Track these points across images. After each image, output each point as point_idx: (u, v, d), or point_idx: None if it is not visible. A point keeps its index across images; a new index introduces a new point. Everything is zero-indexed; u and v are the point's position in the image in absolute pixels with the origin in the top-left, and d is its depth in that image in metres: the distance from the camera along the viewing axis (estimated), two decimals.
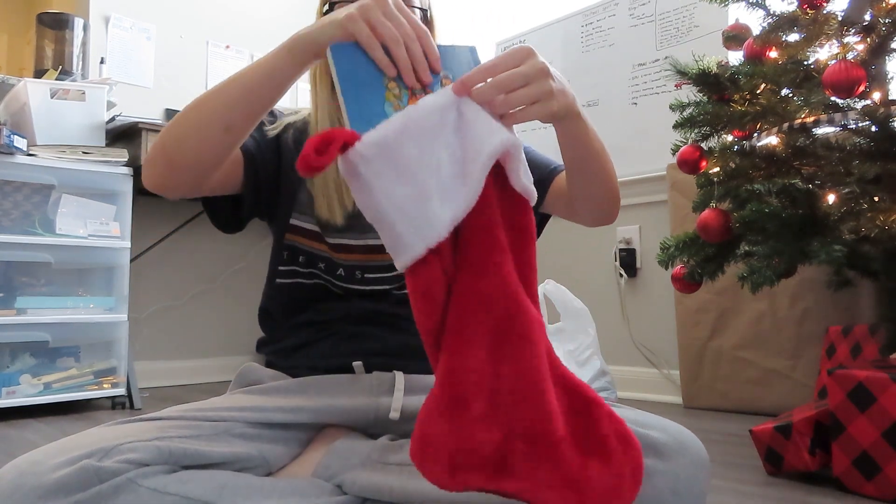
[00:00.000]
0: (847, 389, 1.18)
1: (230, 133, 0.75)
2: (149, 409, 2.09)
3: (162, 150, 0.78)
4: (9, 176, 2.03)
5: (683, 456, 0.71)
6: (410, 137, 0.60)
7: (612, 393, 1.93)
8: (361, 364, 0.89)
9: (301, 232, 0.93)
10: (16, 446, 1.60)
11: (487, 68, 0.63)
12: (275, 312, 0.98)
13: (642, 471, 0.61)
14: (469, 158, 0.61)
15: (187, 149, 0.76)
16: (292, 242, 0.94)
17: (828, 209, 1.31)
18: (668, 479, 0.69)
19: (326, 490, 0.77)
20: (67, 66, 2.43)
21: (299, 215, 0.93)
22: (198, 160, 0.77)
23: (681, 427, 0.76)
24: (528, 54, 0.64)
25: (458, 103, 0.62)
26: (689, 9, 2.38)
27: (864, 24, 1.27)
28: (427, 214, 0.59)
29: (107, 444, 0.68)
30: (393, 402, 0.85)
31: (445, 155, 0.61)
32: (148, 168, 0.80)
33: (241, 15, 3.10)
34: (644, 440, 0.70)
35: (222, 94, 0.75)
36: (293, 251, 0.94)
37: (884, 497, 1.13)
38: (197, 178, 0.79)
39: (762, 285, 1.40)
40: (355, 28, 0.64)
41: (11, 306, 2.00)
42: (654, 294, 2.41)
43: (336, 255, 0.92)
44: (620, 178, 0.95)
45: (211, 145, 0.76)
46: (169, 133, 0.77)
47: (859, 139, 1.31)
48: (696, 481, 0.71)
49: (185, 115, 0.77)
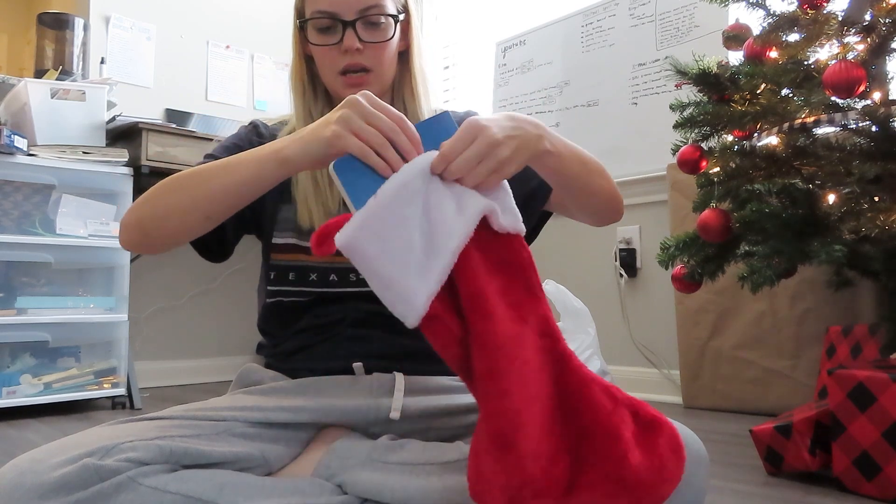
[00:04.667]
0: (847, 389, 1.18)
1: (210, 221, 0.79)
2: (149, 409, 2.09)
3: (138, 223, 0.81)
4: (9, 176, 2.03)
5: None
6: (384, 221, 0.65)
7: None
8: (361, 366, 0.89)
9: (287, 249, 0.93)
10: (16, 446, 1.60)
11: (444, 156, 0.67)
12: (272, 328, 0.97)
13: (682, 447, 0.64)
14: (438, 235, 0.65)
15: (165, 228, 0.80)
16: (279, 262, 0.93)
17: (828, 209, 1.31)
18: None
19: (327, 490, 0.77)
20: (68, 66, 2.43)
21: (282, 233, 0.93)
22: (175, 239, 0.81)
23: (679, 425, 0.76)
24: (477, 131, 0.67)
25: (425, 182, 0.67)
26: (689, 9, 2.38)
27: (865, 24, 1.27)
28: (407, 292, 0.64)
29: (107, 442, 0.68)
30: (393, 403, 0.85)
31: (418, 234, 0.65)
32: (124, 233, 0.84)
33: (241, 15, 3.10)
34: None
35: (205, 185, 0.77)
36: (281, 270, 0.93)
37: (884, 497, 1.13)
38: (173, 246, 0.84)
39: (762, 285, 1.40)
40: (345, 144, 0.67)
41: (11, 306, 2.00)
42: (654, 294, 2.41)
43: (324, 260, 0.91)
44: (620, 178, 0.96)
45: (189, 228, 0.80)
46: (146, 209, 0.81)
47: (859, 139, 1.31)
48: (694, 478, 0.72)
49: (165, 196, 0.80)
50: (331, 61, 0.92)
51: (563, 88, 2.77)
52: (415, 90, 0.98)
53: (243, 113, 3.05)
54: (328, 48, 0.91)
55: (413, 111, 0.97)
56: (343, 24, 0.89)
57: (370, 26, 0.91)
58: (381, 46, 0.92)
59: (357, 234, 0.64)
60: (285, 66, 3.19)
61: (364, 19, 0.90)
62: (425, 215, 0.67)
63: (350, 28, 0.89)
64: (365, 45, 0.90)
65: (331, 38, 0.91)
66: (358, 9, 0.89)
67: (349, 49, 0.89)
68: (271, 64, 3.17)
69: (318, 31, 0.92)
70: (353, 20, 0.89)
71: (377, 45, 0.91)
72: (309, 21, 0.92)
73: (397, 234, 0.65)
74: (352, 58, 0.90)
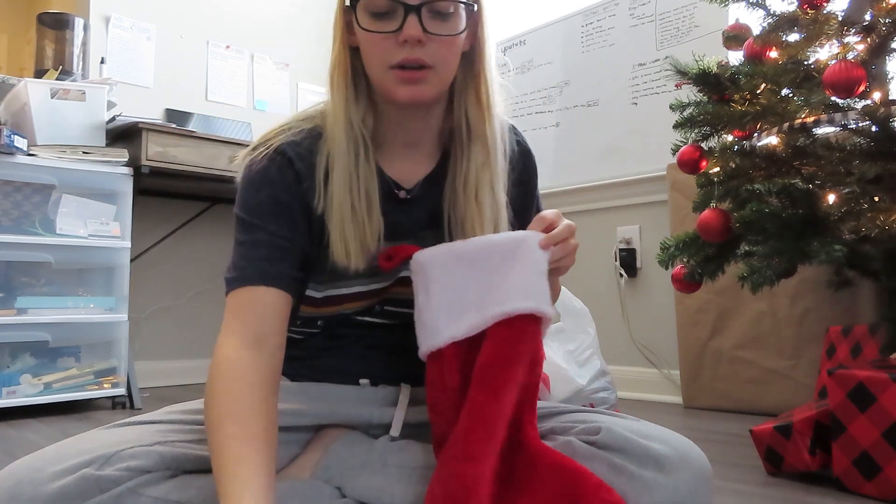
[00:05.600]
0: (847, 389, 1.18)
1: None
2: (149, 409, 2.09)
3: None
4: (9, 176, 2.03)
5: (685, 469, 0.70)
6: (459, 261, 0.76)
7: (612, 393, 1.93)
8: (368, 382, 0.87)
9: (323, 302, 0.85)
10: (16, 446, 1.60)
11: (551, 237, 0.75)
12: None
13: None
14: (492, 299, 0.73)
15: None
16: (308, 314, 0.86)
17: (828, 209, 1.31)
18: (668, 492, 0.68)
19: (326, 493, 0.76)
20: (68, 66, 2.43)
21: (317, 286, 0.84)
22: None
23: (684, 440, 0.74)
24: (572, 232, 0.77)
25: (513, 251, 0.75)
26: (689, 9, 2.38)
27: (864, 24, 1.26)
28: (437, 324, 0.75)
29: (107, 450, 0.66)
30: (394, 421, 0.83)
31: (476, 286, 0.75)
32: None
33: (241, 15, 3.09)
34: (645, 451, 0.69)
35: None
36: (309, 319, 0.87)
37: (884, 497, 1.12)
38: None
39: (762, 285, 1.40)
40: None
41: (11, 306, 2.00)
42: (654, 294, 2.41)
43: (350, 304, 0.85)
44: (620, 178, 0.97)
45: None
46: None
47: (859, 139, 1.31)
48: (697, 495, 0.70)
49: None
50: (384, 52, 0.76)
51: (563, 88, 2.77)
52: (482, 99, 0.83)
53: (243, 113, 3.05)
54: (383, 36, 0.75)
55: (477, 121, 0.83)
56: (405, 9, 0.74)
57: (437, 15, 0.75)
58: (448, 41, 0.76)
59: (433, 260, 0.76)
60: (286, 66, 3.20)
61: (430, 5, 0.74)
62: (491, 276, 0.74)
63: (413, 14, 0.73)
64: (429, 36, 0.74)
65: (388, 24, 0.75)
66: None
67: (409, 39, 0.74)
68: (271, 64, 3.17)
69: (373, 15, 0.75)
70: (417, 5, 0.74)
71: (443, 39, 0.76)
72: (361, 2, 0.76)
73: (461, 276, 0.75)
74: (411, 51, 0.74)
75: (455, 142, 0.85)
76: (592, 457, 0.70)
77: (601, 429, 0.71)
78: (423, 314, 0.76)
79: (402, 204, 0.84)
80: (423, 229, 0.85)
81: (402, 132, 0.84)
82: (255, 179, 0.79)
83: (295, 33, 3.22)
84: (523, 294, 0.72)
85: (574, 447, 0.71)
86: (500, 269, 0.74)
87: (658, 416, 2.05)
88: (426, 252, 0.77)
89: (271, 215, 0.78)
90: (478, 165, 0.83)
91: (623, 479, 0.68)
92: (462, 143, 0.83)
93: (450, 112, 0.85)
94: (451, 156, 0.85)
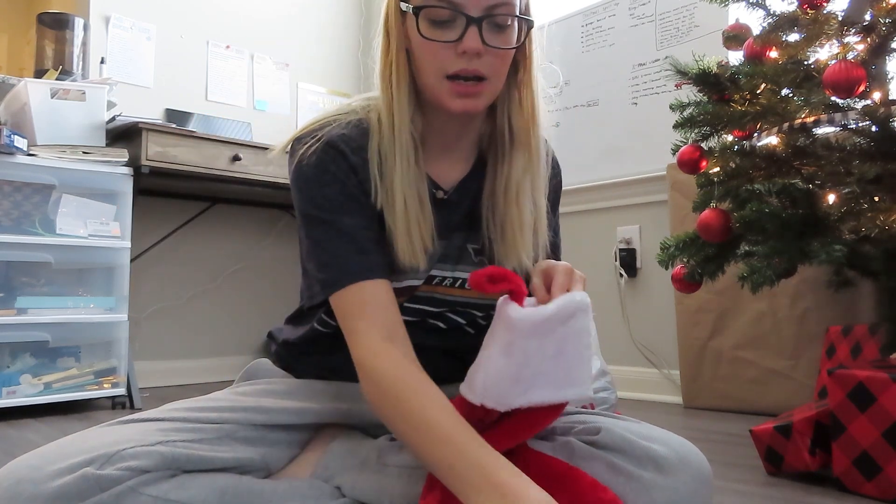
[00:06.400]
0: (847, 389, 1.18)
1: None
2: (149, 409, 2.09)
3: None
4: (9, 176, 2.03)
5: (685, 471, 0.70)
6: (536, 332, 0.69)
7: (612, 393, 1.93)
8: None
9: None
10: (16, 446, 1.60)
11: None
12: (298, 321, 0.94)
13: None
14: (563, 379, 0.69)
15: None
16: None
17: (828, 209, 1.31)
18: (667, 493, 0.68)
19: (326, 492, 0.77)
20: (68, 66, 2.43)
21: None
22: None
23: (684, 441, 0.74)
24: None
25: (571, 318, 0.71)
26: (689, 9, 2.38)
27: (864, 24, 1.26)
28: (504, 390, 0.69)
29: (108, 449, 0.66)
30: None
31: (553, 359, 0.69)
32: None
33: (241, 15, 3.09)
34: (644, 452, 0.70)
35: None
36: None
37: (884, 497, 1.12)
38: None
39: (762, 285, 1.40)
40: None
41: (11, 306, 2.00)
42: (654, 294, 2.41)
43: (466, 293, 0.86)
44: (620, 178, 0.96)
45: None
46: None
47: (859, 139, 1.31)
48: (696, 497, 0.70)
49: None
50: (441, 61, 0.76)
51: (563, 88, 2.77)
52: (526, 107, 0.84)
53: (243, 113, 3.05)
54: (441, 45, 0.75)
55: (521, 128, 0.84)
56: (467, 20, 0.74)
57: (496, 28, 0.76)
58: (504, 54, 0.78)
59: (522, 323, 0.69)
60: (286, 66, 3.20)
61: (491, 19, 0.75)
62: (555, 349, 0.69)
63: (475, 26, 0.74)
64: (486, 49, 0.75)
65: (448, 33, 0.75)
66: (486, 5, 0.74)
67: (468, 51, 0.74)
68: (271, 64, 3.17)
69: (433, 23, 0.75)
70: (479, 17, 0.74)
71: (500, 52, 0.77)
72: (424, 10, 0.75)
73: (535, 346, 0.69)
74: (468, 62, 0.75)
75: (496, 146, 0.85)
76: (592, 457, 0.70)
77: (601, 429, 0.72)
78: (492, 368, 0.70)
79: (439, 204, 0.84)
80: (457, 230, 0.86)
81: (444, 135, 0.85)
82: (315, 174, 0.79)
83: (295, 33, 3.22)
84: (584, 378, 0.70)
85: (573, 447, 0.72)
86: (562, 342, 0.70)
87: (658, 416, 2.05)
88: (520, 312, 0.70)
89: (344, 208, 0.78)
90: (520, 170, 0.83)
91: (622, 480, 0.68)
92: (504, 149, 0.84)
93: (491, 117, 0.86)
94: (490, 159, 0.86)
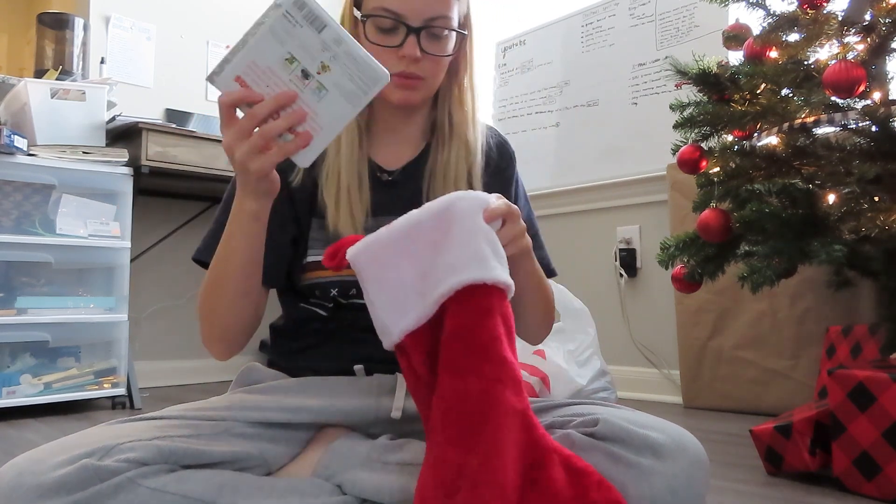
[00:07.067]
0: (847, 389, 1.18)
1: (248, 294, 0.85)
2: (149, 409, 2.09)
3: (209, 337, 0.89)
4: (9, 176, 2.03)
5: (682, 456, 0.72)
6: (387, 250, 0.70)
7: (612, 393, 1.93)
8: (362, 368, 0.88)
9: (315, 267, 0.90)
10: (16, 446, 1.60)
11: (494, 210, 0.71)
12: (286, 328, 0.97)
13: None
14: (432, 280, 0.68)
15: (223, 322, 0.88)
16: (308, 280, 0.91)
17: (828, 209, 1.31)
18: (665, 478, 0.69)
19: (326, 490, 0.77)
20: (68, 66, 2.43)
21: (313, 250, 0.91)
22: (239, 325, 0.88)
23: (680, 428, 0.76)
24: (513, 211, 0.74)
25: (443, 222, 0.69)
26: (689, 9, 2.38)
27: (864, 24, 1.27)
28: (385, 321, 0.69)
29: (107, 442, 0.68)
30: (395, 402, 0.85)
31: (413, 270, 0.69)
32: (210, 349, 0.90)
33: (241, 15, 3.09)
34: (643, 440, 0.71)
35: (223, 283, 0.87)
36: (308, 288, 0.91)
37: (884, 497, 1.12)
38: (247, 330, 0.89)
39: (762, 285, 1.40)
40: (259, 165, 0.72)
41: (11, 306, 2.00)
42: (654, 294, 2.41)
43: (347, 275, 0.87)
44: (620, 178, 0.96)
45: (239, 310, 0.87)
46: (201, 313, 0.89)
47: (859, 139, 1.31)
48: (694, 481, 0.71)
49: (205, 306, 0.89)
50: (384, 62, 0.81)
51: (563, 88, 2.77)
52: (464, 103, 0.95)
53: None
54: (385, 49, 0.85)
55: (459, 122, 0.94)
56: (407, 30, 0.85)
57: (433, 38, 0.86)
58: (440, 60, 0.88)
59: (360, 255, 0.70)
60: None
61: (429, 30, 0.86)
62: (426, 255, 0.69)
63: (413, 35, 0.84)
64: (424, 55, 0.86)
65: (390, 39, 0.86)
66: (425, 17, 0.85)
67: (408, 56, 0.85)
68: None
69: (379, 30, 0.86)
70: (418, 27, 0.85)
71: (436, 59, 0.88)
72: (371, 19, 0.86)
73: (395, 265, 0.69)
74: (407, 66, 0.86)
75: (437, 136, 0.95)
76: (591, 448, 0.71)
77: (599, 420, 0.73)
78: (373, 311, 0.71)
79: (385, 185, 0.93)
80: (402, 210, 0.87)
81: (389, 123, 0.95)
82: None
83: None
84: (463, 265, 0.66)
85: (573, 439, 0.73)
86: (434, 245, 0.69)
87: (658, 416, 2.05)
88: (353, 249, 0.71)
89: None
90: (456, 158, 0.93)
91: (621, 468, 0.69)
92: (444, 138, 0.94)
93: (434, 109, 0.97)
94: (433, 145, 0.95)
